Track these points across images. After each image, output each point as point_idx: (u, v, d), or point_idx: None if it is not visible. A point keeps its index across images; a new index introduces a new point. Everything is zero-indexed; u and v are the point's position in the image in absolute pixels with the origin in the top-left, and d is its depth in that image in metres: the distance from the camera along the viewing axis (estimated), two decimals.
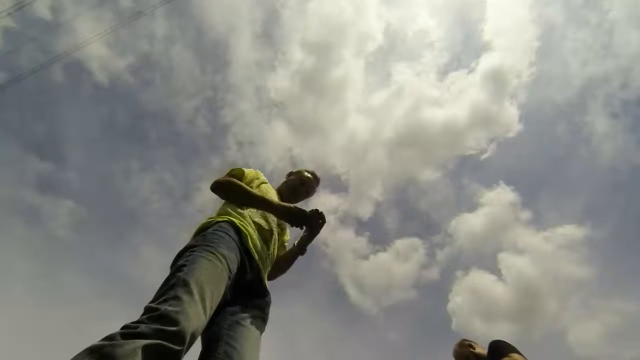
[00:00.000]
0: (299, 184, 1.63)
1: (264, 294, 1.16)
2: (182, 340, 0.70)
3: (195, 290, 0.80)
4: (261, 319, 1.10)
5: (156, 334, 0.67)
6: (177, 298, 0.76)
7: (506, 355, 1.78)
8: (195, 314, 0.76)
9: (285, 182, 1.65)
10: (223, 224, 1.09)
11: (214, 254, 0.94)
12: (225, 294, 0.94)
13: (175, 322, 0.70)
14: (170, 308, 0.72)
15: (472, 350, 2.17)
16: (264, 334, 1.10)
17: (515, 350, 1.83)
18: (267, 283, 1.23)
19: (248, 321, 1.02)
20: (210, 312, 0.83)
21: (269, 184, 1.49)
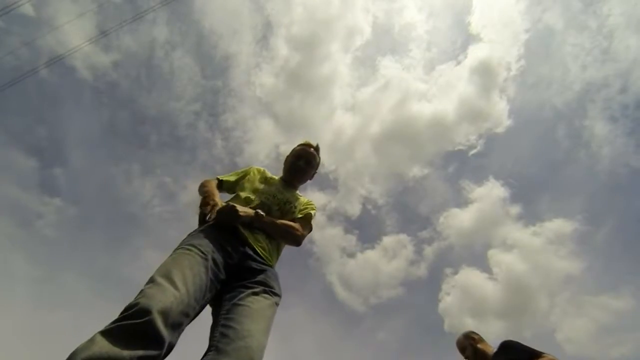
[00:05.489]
0: (296, 159, 1.55)
1: (263, 269, 1.14)
2: (143, 314, 0.71)
3: (157, 277, 0.84)
4: (265, 292, 1.05)
5: (114, 322, 0.71)
6: (140, 292, 0.80)
7: (540, 356, 1.80)
8: (157, 292, 0.78)
9: (283, 167, 1.61)
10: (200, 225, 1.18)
11: (182, 248, 1.00)
12: (212, 273, 0.96)
13: (134, 305, 0.73)
14: (132, 301, 0.76)
15: (472, 343, 2.21)
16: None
17: (539, 352, 1.84)
18: (272, 259, 1.25)
19: (247, 299, 0.99)
20: (184, 286, 0.84)
21: (262, 177, 1.49)
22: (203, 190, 1.33)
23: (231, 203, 1.23)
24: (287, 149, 1.66)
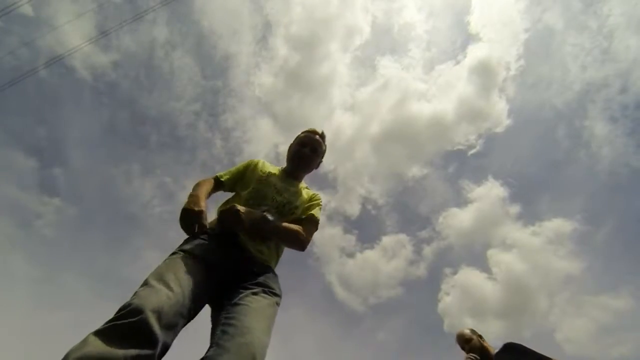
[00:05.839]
0: (300, 147, 1.43)
1: (263, 271, 1.12)
2: (137, 313, 0.71)
3: (151, 280, 0.85)
4: (264, 292, 1.04)
5: (108, 322, 0.71)
6: (134, 294, 0.80)
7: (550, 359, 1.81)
8: (151, 293, 0.79)
9: (287, 156, 1.49)
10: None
11: (174, 253, 1.01)
12: (207, 276, 0.96)
13: (127, 305, 0.74)
14: (125, 302, 0.76)
15: (479, 339, 2.24)
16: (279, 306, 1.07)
17: (546, 357, 1.85)
18: (272, 261, 1.22)
19: (247, 299, 0.98)
20: (179, 287, 0.84)
21: (261, 172, 1.36)
22: (189, 195, 1.19)
23: (235, 206, 1.12)
24: (286, 148, 1.59)
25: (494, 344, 2.18)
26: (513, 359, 1.93)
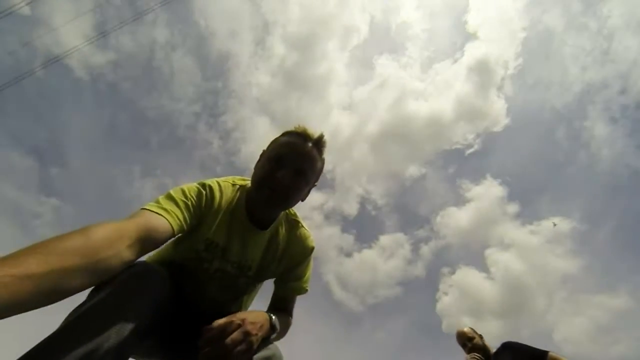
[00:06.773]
0: (273, 168, 0.79)
1: None
2: None
3: None
4: None
5: None
6: None
7: (545, 355, 1.88)
8: None
9: (251, 180, 0.88)
10: None
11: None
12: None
13: None
14: None
15: (482, 339, 2.29)
16: None
17: (542, 351, 1.90)
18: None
19: None
20: None
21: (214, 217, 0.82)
22: None
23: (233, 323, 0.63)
24: None
25: (492, 344, 2.22)
26: (511, 357, 1.97)
